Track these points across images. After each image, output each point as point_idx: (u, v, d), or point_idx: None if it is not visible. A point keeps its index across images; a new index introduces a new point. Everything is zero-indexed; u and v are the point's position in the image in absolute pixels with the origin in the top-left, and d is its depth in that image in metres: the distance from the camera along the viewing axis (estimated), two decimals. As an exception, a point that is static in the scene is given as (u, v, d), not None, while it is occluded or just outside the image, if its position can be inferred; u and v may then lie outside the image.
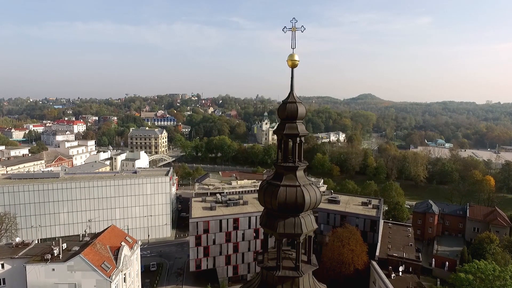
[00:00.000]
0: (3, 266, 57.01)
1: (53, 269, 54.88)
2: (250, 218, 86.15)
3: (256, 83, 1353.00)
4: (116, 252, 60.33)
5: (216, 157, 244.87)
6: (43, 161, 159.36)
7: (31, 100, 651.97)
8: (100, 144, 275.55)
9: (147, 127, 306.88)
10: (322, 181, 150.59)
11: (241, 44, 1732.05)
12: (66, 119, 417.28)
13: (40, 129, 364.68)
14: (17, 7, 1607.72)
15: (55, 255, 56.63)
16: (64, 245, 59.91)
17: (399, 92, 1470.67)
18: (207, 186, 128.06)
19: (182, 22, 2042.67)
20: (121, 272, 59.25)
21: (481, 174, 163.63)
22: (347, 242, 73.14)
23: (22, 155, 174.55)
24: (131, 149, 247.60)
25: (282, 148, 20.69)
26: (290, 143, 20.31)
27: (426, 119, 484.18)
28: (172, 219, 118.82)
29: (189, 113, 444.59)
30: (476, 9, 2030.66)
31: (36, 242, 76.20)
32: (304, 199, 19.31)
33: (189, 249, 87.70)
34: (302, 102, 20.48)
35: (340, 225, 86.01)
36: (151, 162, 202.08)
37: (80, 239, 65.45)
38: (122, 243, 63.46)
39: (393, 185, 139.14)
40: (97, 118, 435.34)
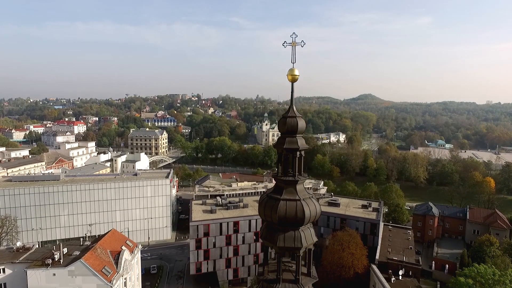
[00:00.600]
0: (4, 271, 57.22)
1: (54, 274, 55.06)
2: (250, 221, 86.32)
3: (256, 83, 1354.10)
4: (117, 257, 60.50)
5: (216, 158, 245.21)
6: (44, 163, 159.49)
7: (31, 101, 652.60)
8: (100, 145, 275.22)
9: (147, 128, 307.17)
10: (322, 183, 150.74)
11: (241, 44, 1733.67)
12: (67, 119, 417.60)
13: (41, 129, 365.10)
14: (17, 7, 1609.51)
15: (56, 259, 56.75)
16: (65, 250, 60.13)
17: (399, 92, 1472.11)
18: (207, 188, 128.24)
19: (182, 22, 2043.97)
20: (122, 276, 59.42)
21: (481, 175, 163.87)
22: (347, 245, 73.33)
23: (22, 156, 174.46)
24: (131, 150, 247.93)
25: (282, 162, 20.84)
26: (290, 157, 20.64)
27: (426, 120, 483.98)
28: (172, 221, 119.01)
29: (189, 113, 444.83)
30: (476, 9, 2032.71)
31: (37, 246, 76.55)
32: (304, 213, 19.45)
33: (189, 252, 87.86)
34: (302, 116, 20.63)
35: (340, 228, 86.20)
36: (152, 163, 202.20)
37: (81, 243, 65.69)
38: (123, 247, 63.66)
39: (393, 186, 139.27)
40: (97, 119, 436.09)
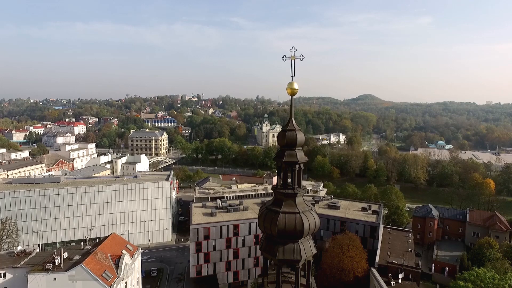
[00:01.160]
0: (4, 275, 57.32)
1: (55, 279, 55.20)
2: (250, 224, 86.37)
3: (256, 83, 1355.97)
4: (117, 261, 60.65)
5: (217, 159, 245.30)
6: (44, 165, 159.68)
7: (31, 101, 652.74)
8: (100, 146, 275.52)
9: (147, 129, 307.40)
10: (322, 184, 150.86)
11: (241, 44, 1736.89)
12: (67, 120, 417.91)
13: (41, 130, 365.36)
14: (18, 7, 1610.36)
15: (56, 264, 56.91)
16: (66, 254, 60.24)
17: (399, 93, 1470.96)
18: (207, 191, 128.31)
19: (182, 22, 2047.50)
20: (122, 281, 59.56)
21: (481, 177, 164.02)
22: (347, 249, 73.42)
23: (23, 158, 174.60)
24: (131, 151, 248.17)
25: (282, 175, 21.00)
26: (289, 170, 20.79)
27: (426, 120, 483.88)
28: (172, 223, 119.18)
29: (189, 114, 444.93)
30: (476, 9, 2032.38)
31: (37, 249, 76.67)
32: (303, 226, 19.60)
33: (189, 254, 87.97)
34: (301, 130, 20.80)
35: (340, 230, 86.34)
36: (152, 165, 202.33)
37: (81, 247, 65.78)
38: (123, 251, 63.82)
39: (393, 188, 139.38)
40: (97, 120, 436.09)
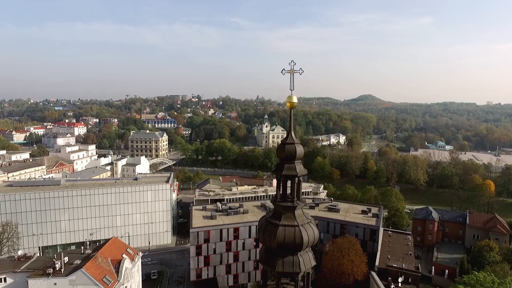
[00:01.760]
0: (5, 280, 57.42)
1: (55, 284, 55.34)
2: (250, 227, 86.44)
3: (257, 83, 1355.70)
4: (117, 265, 60.77)
5: (217, 160, 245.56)
6: (44, 167, 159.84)
7: (31, 102, 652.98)
8: (100, 147, 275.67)
9: (147, 130, 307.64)
10: (322, 186, 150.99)
11: (241, 44, 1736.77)
12: (67, 121, 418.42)
13: (41, 131, 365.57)
14: (18, 7, 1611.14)
15: (57, 269, 57.07)
16: (66, 258, 60.38)
17: (399, 93, 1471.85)
18: (207, 193, 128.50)
19: (182, 23, 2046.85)
20: (123, 285, 59.68)
21: (481, 178, 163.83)
22: (346, 252, 73.51)
23: (23, 160, 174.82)
24: (131, 152, 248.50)
25: (281, 188, 21.14)
26: (289, 183, 20.92)
27: (427, 121, 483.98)
28: (172, 225, 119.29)
29: (189, 115, 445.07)
30: (476, 9, 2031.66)
31: (38, 251, 76.98)
32: (302, 239, 19.71)
33: (189, 257, 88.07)
34: (300, 143, 20.92)
35: (340, 233, 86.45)
36: (152, 166, 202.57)
37: (82, 251, 65.94)
38: (124, 256, 63.94)
39: (393, 190, 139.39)
40: (97, 120, 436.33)
